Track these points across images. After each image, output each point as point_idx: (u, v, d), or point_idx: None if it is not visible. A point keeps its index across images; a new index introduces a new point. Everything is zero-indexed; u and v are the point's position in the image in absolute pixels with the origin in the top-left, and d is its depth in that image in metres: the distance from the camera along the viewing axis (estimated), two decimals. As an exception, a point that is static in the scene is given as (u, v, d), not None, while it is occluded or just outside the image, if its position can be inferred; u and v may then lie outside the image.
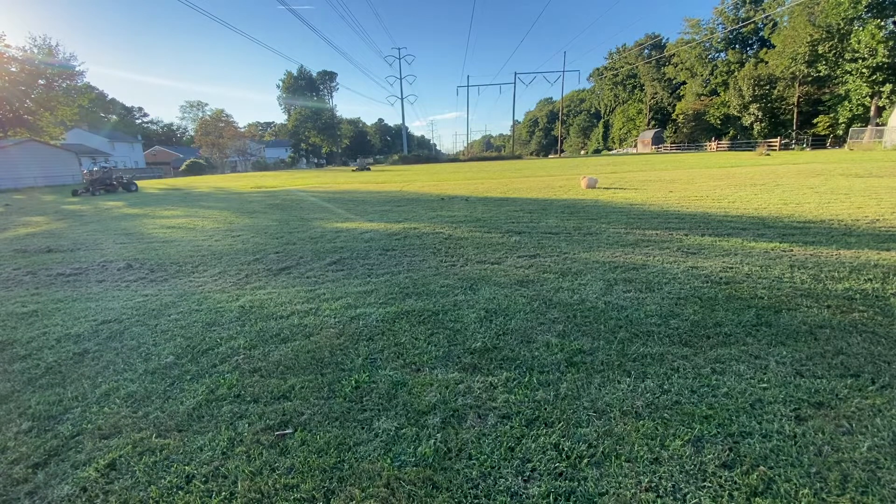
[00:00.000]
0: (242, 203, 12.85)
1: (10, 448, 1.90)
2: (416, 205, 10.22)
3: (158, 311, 3.58)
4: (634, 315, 3.02)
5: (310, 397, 2.18)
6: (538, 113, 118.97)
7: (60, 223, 9.91)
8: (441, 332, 2.87)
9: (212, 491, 1.60)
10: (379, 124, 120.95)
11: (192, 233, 7.69)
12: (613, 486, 1.54)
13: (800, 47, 39.35)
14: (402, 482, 1.60)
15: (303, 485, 1.60)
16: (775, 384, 2.12)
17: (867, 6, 33.29)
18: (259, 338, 2.92)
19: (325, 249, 5.67)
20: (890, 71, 32.06)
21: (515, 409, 2.01)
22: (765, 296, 3.29)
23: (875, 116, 34.56)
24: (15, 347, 2.97)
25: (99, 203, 15.04)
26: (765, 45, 50.51)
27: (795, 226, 5.88)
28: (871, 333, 2.62)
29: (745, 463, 1.62)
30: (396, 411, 2.04)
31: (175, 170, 54.46)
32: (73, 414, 2.14)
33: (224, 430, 1.94)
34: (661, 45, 67.96)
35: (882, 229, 5.43)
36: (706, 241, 5.17)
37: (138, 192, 20.07)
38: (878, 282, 3.51)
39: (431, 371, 2.39)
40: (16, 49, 31.72)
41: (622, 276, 3.92)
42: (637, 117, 71.96)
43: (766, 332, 2.69)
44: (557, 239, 5.68)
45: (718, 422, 1.85)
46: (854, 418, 1.86)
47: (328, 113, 77.69)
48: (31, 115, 33.90)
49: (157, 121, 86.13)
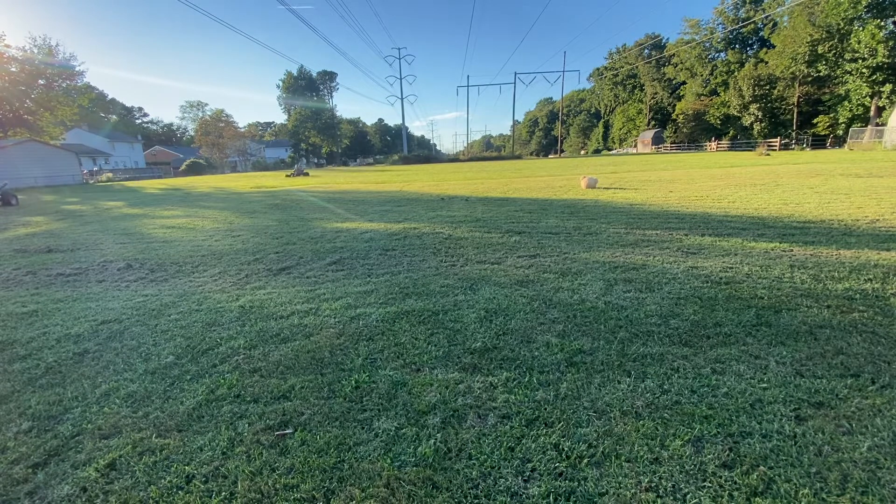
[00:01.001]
0: (242, 203, 12.86)
1: (10, 448, 1.90)
2: (416, 205, 10.22)
3: (158, 311, 3.57)
4: (634, 315, 3.02)
5: (310, 397, 2.18)
6: (538, 113, 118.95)
7: (60, 223, 9.91)
8: (441, 332, 2.87)
9: (212, 491, 1.60)
10: (379, 124, 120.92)
11: (192, 233, 7.69)
12: (613, 486, 1.54)
13: (800, 47, 39.35)
14: (402, 482, 1.60)
15: (303, 485, 1.60)
16: (775, 384, 2.12)
17: (867, 6, 33.28)
18: (259, 338, 2.92)
19: (325, 249, 5.67)
20: (890, 71, 32.05)
21: (515, 409, 2.01)
22: (765, 296, 3.29)
23: (875, 116, 34.56)
24: (15, 347, 2.97)
25: (99, 203, 15.03)
26: (765, 45, 50.50)
27: (795, 226, 5.88)
28: (871, 333, 2.62)
29: (745, 463, 1.62)
30: (396, 411, 2.04)
31: (175, 170, 54.43)
32: (73, 414, 2.14)
33: (224, 430, 1.94)
34: (661, 45, 67.96)
35: (882, 229, 5.43)
36: (706, 241, 5.17)
37: (138, 193, 20.06)
38: (878, 282, 3.51)
39: (431, 371, 2.39)
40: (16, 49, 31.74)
41: (622, 276, 3.92)
42: (637, 117, 71.95)
43: (766, 332, 2.69)
44: (557, 239, 5.68)
45: (718, 422, 1.85)
46: (854, 418, 1.86)
47: (328, 113, 77.70)
48: (31, 115, 33.90)
49: (157, 121, 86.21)
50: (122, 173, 47.16)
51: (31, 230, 8.94)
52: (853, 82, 35.08)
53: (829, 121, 40.77)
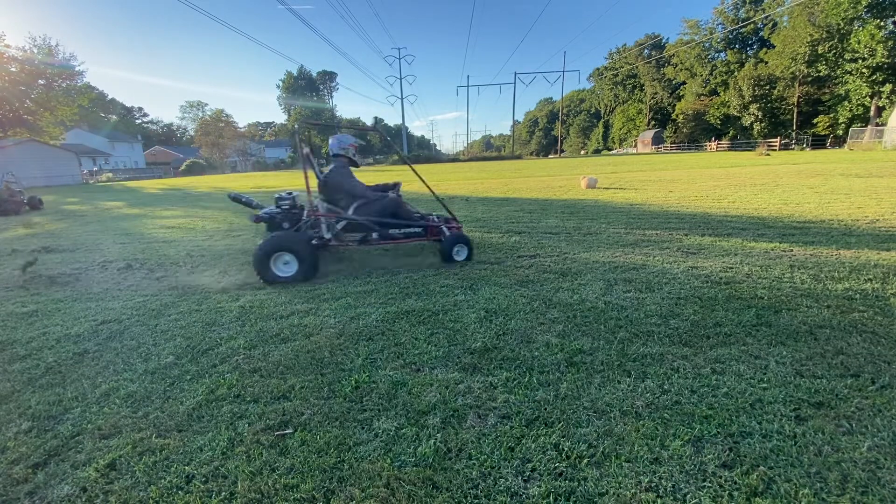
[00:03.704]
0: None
1: (10, 448, 1.90)
2: (415, 205, 10.19)
3: (158, 311, 3.57)
4: (634, 315, 3.02)
5: (310, 397, 2.18)
6: (538, 113, 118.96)
7: (60, 223, 9.91)
8: (441, 332, 2.87)
9: (212, 491, 1.60)
10: (378, 124, 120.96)
11: (192, 233, 7.69)
12: (613, 486, 1.54)
13: (800, 47, 39.37)
14: (402, 482, 1.60)
15: (303, 485, 1.60)
16: (775, 384, 2.12)
17: (867, 6, 33.29)
18: (259, 338, 2.92)
19: (325, 249, 5.67)
20: (890, 71, 32.06)
21: (515, 409, 2.01)
22: (765, 296, 3.29)
23: (875, 116, 34.57)
24: (15, 347, 2.97)
25: (99, 203, 15.03)
26: (765, 45, 50.47)
27: (795, 226, 5.88)
28: (871, 333, 2.62)
29: (745, 463, 1.62)
30: (396, 411, 2.04)
31: (175, 170, 54.37)
32: (73, 414, 2.14)
33: (224, 430, 1.94)
34: (661, 45, 67.97)
35: (882, 229, 5.43)
36: (706, 241, 5.18)
37: (138, 193, 20.06)
38: (878, 282, 3.51)
39: (431, 371, 2.39)
40: (16, 49, 31.73)
41: (622, 276, 3.92)
42: (637, 117, 71.95)
43: (766, 332, 2.69)
44: (557, 239, 5.68)
45: (718, 422, 1.85)
46: (854, 418, 1.86)
47: (328, 113, 77.74)
48: (31, 115, 33.89)
49: (157, 121, 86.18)
50: (121, 173, 47.15)
51: (30, 230, 8.94)
52: (853, 82, 35.09)
53: (829, 121, 40.77)
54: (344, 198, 4.74)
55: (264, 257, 4.12)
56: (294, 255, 4.17)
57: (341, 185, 4.70)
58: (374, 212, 4.72)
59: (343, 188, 4.71)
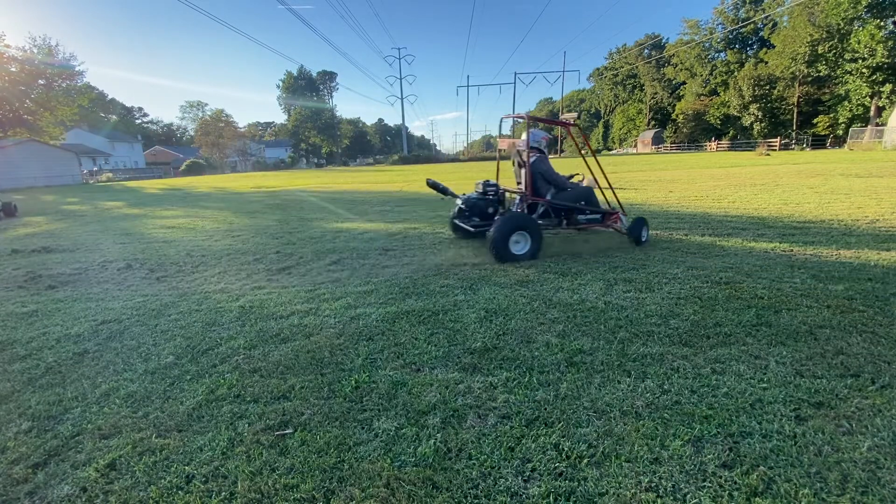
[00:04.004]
0: (242, 203, 12.86)
1: (10, 448, 1.90)
2: (416, 205, 10.22)
3: (158, 311, 3.57)
4: (634, 315, 3.02)
5: (310, 397, 2.18)
6: (538, 113, 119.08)
7: (60, 223, 9.91)
8: (441, 332, 2.87)
9: (212, 491, 1.60)
10: (379, 124, 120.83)
11: (192, 233, 7.69)
12: (613, 486, 1.54)
13: (800, 47, 39.37)
14: (402, 482, 1.60)
15: (303, 485, 1.60)
16: (775, 384, 2.12)
17: (867, 6, 33.28)
18: (259, 338, 2.92)
19: (325, 249, 5.67)
20: (890, 71, 32.06)
21: (515, 409, 2.01)
22: (765, 296, 3.29)
23: (875, 116, 34.56)
24: (15, 347, 2.97)
25: (99, 203, 15.03)
26: (765, 45, 50.45)
27: (795, 226, 5.88)
28: (871, 333, 2.62)
29: (745, 463, 1.62)
30: (396, 411, 2.04)
31: (175, 170, 54.36)
32: (73, 414, 2.14)
33: (224, 430, 1.94)
34: (661, 45, 67.93)
35: (882, 229, 5.43)
36: (706, 241, 5.18)
37: (138, 193, 20.06)
38: (878, 282, 3.51)
39: (431, 371, 2.39)
40: (16, 49, 31.70)
41: (622, 276, 3.92)
42: (637, 117, 71.93)
43: (766, 332, 2.69)
44: (557, 238, 5.67)
45: (718, 422, 1.85)
46: (854, 418, 1.86)
47: (328, 113, 77.74)
48: (31, 115, 33.86)
49: (157, 121, 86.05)
50: (122, 173, 47.12)
51: (31, 230, 8.94)
52: (853, 82, 35.08)
53: (829, 121, 40.76)
54: (543, 186, 5.20)
55: (504, 237, 4.44)
56: (528, 234, 4.57)
57: (547, 174, 5.17)
58: (570, 199, 5.20)
59: (547, 177, 5.19)
